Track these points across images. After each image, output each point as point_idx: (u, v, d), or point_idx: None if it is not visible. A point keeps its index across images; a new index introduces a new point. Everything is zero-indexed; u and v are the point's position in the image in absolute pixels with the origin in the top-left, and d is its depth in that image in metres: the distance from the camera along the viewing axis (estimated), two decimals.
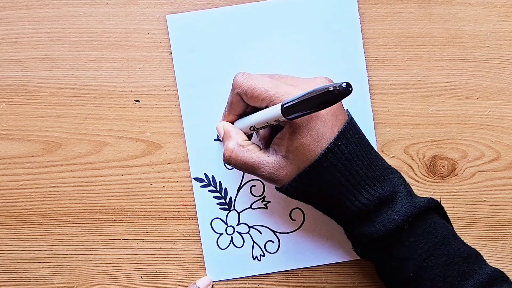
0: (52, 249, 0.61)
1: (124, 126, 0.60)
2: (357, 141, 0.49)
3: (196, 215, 0.60)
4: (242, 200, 0.60)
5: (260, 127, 0.50)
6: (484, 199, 0.60)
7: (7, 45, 0.59)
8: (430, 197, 0.51)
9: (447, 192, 0.60)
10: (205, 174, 0.60)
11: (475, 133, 0.60)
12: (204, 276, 0.61)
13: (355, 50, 0.59)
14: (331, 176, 0.48)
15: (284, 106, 0.44)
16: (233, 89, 0.51)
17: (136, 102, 0.60)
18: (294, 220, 0.60)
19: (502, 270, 0.50)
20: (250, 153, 0.50)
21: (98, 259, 0.61)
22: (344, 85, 0.40)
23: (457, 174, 0.60)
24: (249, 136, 0.55)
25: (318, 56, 0.59)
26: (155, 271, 0.61)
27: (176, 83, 0.59)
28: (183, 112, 0.59)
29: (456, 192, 0.60)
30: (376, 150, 0.52)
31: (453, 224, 0.53)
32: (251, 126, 0.51)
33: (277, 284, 0.61)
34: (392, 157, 0.60)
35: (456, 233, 0.51)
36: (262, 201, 0.60)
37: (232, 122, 0.55)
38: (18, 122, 0.60)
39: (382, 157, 0.52)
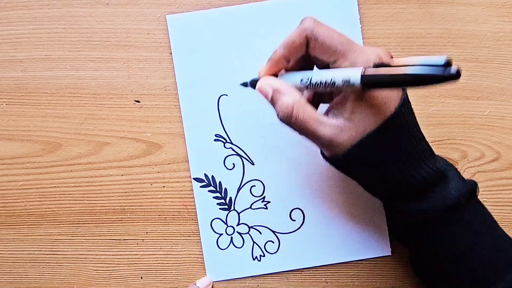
0: (52, 249, 0.61)
1: (124, 126, 0.60)
2: (413, 112, 0.47)
3: (196, 215, 0.60)
4: (242, 200, 0.60)
5: (317, 87, 0.46)
6: (484, 199, 0.60)
7: (7, 45, 0.59)
8: (472, 179, 0.50)
9: None
10: (205, 174, 0.60)
11: (475, 133, 0.60)
12: (204, 276, 0.61)
13: None
14: (394, 142, 0.45)
15: (366, 76, 0.41)
16: (301, 29, 0.46)
17: (136, 102, 0.60)
18: (294, 221, 0.60)
19: None
20: (312, 111, 0.45)
21: (98, 259, 0.61)
22: (455, 70, 0.36)
23: None
24: None
25: None
26: (155, 271, 0.61)
27: (176, 83, 0.59)
28: (183, 112, 0.59)
29: None
30: None
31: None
32: (309, 84, 0.46)
33: (277, 284, 0.61)
34: None
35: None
36: (262, 201, 0.60)
37: (274, 76, 0.50)
38: (18, 122, 0.60)
39: None
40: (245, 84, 0.54)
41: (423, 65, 0.38)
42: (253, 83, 0.51)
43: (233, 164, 0.60)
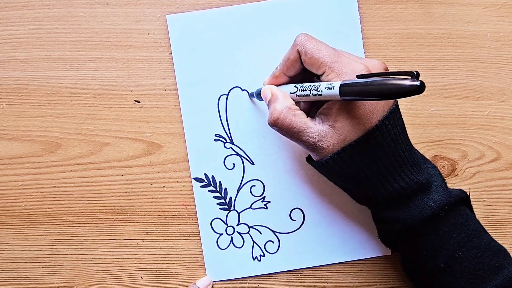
0: (52, 249, 0.61)
1: (124, 126, 0.60)
2: (402, 125, 0.49)
3: (196, 215, 0.60)
4: (242, 200, 0.60)
5: (307, 97, 0.50)
6: (484, 199, 0.60)
7: (7, 45, 0.59)
8: (460, 189, 0.51)
9: None
10: (205, 174, 0.60)
11: (475, 133, 0.60)
12: (204, 276, 0.61)
13: (355, 50, 0.59)
14: (375, 153, 0.48)
15: (343, 85, 0.44)
16: (294, 45, 0.50)
17: (136, 103, 0.60)
18: (294, 220, 0.60)
19: None
20: (297, 117, 0.49)
21: (98, 259, 0.61)
22: (418, 83, 0.38)
23: (457, 174, 0.60)
24: None
25: None
26: (155, 271, 0.61)
27: (176, 83, 0.59)
28: (183, 112, 0.59)
29: None
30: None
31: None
32: (299, 94, 0.50)
33: (277, 284, 0.61)
34: None
35: (484, 228, 0.51)
36: (262, 201, 0.60)
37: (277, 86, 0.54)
38: (18, 122, 0.60)
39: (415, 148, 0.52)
40: (252, 95, 0.59)
41: (392, 76, 0.41)
42: (258, 94, 0.57)
43: (233, 164, 0.60)
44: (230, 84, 0.59)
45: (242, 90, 0.59)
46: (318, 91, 0.47)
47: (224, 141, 0.59)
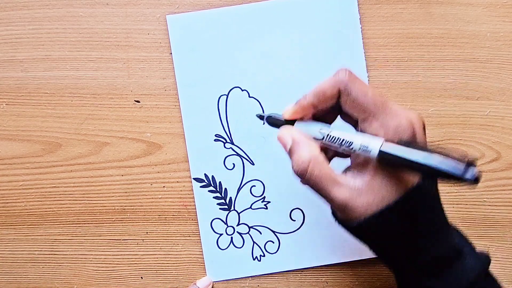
0: (52, 249, 0.61)
1: (124, 126, 0.60)
2: (437, 181, 0.44)
3: (196, 215, 0.60)
4: (242, 201, 0.60)
5: (333, 147, 0.44)
6: (484, 199, 0.60)
7: (7, 45, 0.59)
8: (485, 253, 0.46)
9: (447, 192, 0.60)
10: (205, 174, 0.60)
11: (475, 133, 0.60)
12: (204, 276, 0.61)
13: (355, 50, 0.59)
14: (414, 217, 0.42)
15: (384, 153, 0.39)
16: (335, 81, 0.43)
17: (136, 103, 0.60)
18: (294, 221, 0.60)
19: (501, 270, 0.50)
20: (328, 169, 0.42)
21: (98, 259, 0.61)
22: (475, 176, 0.34)
23: None
24: None
25: (319, 56, 0.59)
26: (155, 271, 0.61)
27: (176, 83, 0.59)
28: (183, 112, 0.59)
29: (456, 192, 0.60)
30: None
31: (453, 225, 0.53)
32: (325, 143, 0.44)
33: (277, 284, 0.61)
34: None
35: None
36: (262, 201, 0.60)
37: (294, 121, 0.47)
38: (18, 122, 0.60)
39: None
40: (260, 117, 0.51)
41: (443, 157, 0.36)
42: (268, 119, 0.49)
43: (233, 164, 0.60)
44: (230, 84, 0.59)
45: (242, 90, 0.59)
46: (350, 148, 0.42)
47: (224, 141, 0.59)
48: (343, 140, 0.42)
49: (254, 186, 0.60)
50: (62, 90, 0.60)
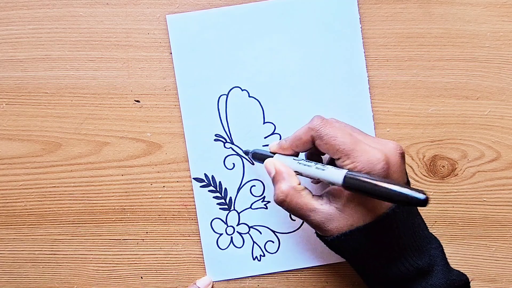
0: (52, 249, 0.61)
1: (124, 126, 0.60)
2: (410, 209, 0.48)
3: (196, 215, 0.60)
4: (242, 200, 0.60)
5: (309, 170, 0.49)
6: (484, 199, 0.60)
7: (7, 45, 0.59)
8: (462, 273, 0.50)
9: (447, 192, 0.60)
10: (205, 174, 0.60)
11: (475, 133, 0.60)
12: (204, 276, 0.61)
13: (355, 50, 0.59)
14: (380, 240, 0.47)
15: (348, 176, 0.43)
16: (308, 128, 0.49)
17: (136, 102, 0.60)
18: (294, 220, 0.60)
19: (502, 270, 0.50)
20: (303, 199, 0.48)
21: (98, 259, 0.61)
22: (423, 198, 0.38)
23: (457, 174, 0.60)
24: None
25: (318, 56, 0.59)
26: (155, 271, 0.61)
27: (176, 83, 0.59)
28: (183, 112, 0.59)
29: (456, 192, 0.60)
30: (420, 215, 0.50)
31: (453, 224, 0.53)
32: (306, 175, 0.50)
33: (277, 284, 0.61)
34: None
35: None
36: (262, 201, 0.60)
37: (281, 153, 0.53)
38: (18, 122, 0.60)
39: (424, 223, 0.50)
40: (246, 153, 0.60)
41: (397, 186, 0.40)
42: (254, 155, 0.57)
43: (233, 164, 0.60)
44: (230, 84, 0.59)
45: (242, 90, 0.59)
46: (323, 169, 0.47)
47: (224, 141, 0.59)
48: (312, 170, 0.48)
49: (254, 186, 0.60)
50: (62, 90, 0.60)
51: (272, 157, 0.53)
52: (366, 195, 0.42)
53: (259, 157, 0.56)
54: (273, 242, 0.60)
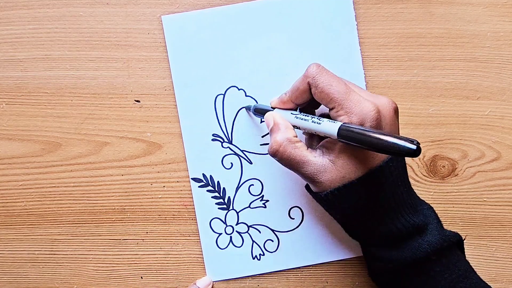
0: (52, 249, 0.61)
1: (124, 126, 0.60)
2: (403, 166, 0.49)
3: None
4: (241, 200, 0.60)
5: (305, 123, 0.49)
6: (485, 199, 0.60)
7: (7, 45, 0.59)
8: (455, 232, 0.50)
9: (447, 192, 0.60)
10: (203, 174, 0.60)
11: (475, 133, 0.60)
12: (204, 276, 0.61)
13: (352, 49, 0.59)
14: (374, 193, 0.47)
15: (343, 128, 0.44)
16: (304, 76, 0.49)
17: (136, 102, 0.60)
18: (293, 219, 0.60)
19: (502, 270, 0.50)
20: (297, 150, 0.49)
21: (98, 259, 0.61)
22: (413, 147, 0.39)
23: (457, 174, 0.60)
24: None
25: (315, 55, 0.59)
26: (155, 271, 0.61)
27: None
28: (180, 113, 0.59)
29: (456, 192, 0.60)
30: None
31: (453, 224, 0.53)
32: (303, 129, 0.50)
33: (277, 284, 0.61)
34: None
35: (473, 269, 0.51)
36: (260, 200, 0.60)
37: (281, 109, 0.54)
38: (18, 122, 0.60)
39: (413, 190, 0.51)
40: (248, 109, 0.59)
41: (390, 136, 0.41)
42: (255, 109, 0.57)
43: (231, 163, 0.60)
44: (227, 84, 0.59)
45: (239, 89, 0.59)
46: (316, 131, 0.48)
47: (222, 141, 0.59)
48: (307, 129, 0.49)
49: (253, 185, 0.60)
50: (62, 90, 0.60)
51: (272, 111, 0.54)
52: (360, 146, 0.42)
53: (260, 111, 0.56)
54: (272, 241, 0.60)
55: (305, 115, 0.50)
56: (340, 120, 0.46)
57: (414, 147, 0.39)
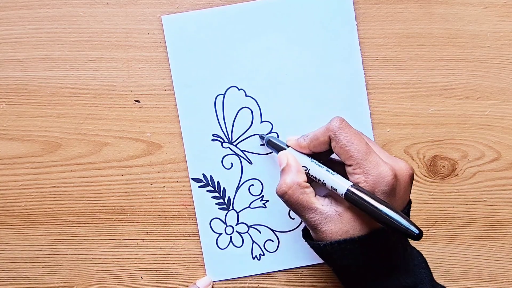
0: (52, 249, 0.61)
1: (124, 126, 0.60)
2: None
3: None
4: (241, 200, 0.60)
5: (318, 180, 0.50)
6: (485, 199, 0.60)
7: (7, 45, 0.59)
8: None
9: (448, 192, 0.60)
10: (203, 174, 0.60)
11: (475, 133, 0.60)
12: (204, 276, 0.61)
13: (352, 49, 0.59)
14: (373, 254, 0.47)
15: (351, 190, 0.45)
16: (327, 129, 0.49)
17: (136, 102, 0.60)
18: (293, 219, 0.60)
19: (502, 270, 0.50)
20: (306, 196, 0.48)
21: (98, 259, 0.61)
22: (416, 232, 0.41)
23: (457, 174, 0.60)
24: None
25: (315, 55, 0.59)
26: (155, 271, 0.61)
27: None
28: (180, 113, 0.59)
29: (456, 192, 0.60)
30: None
31: (453, 224, 0.53)
32: (314, 176, 0.50)
33: (277, 284, 0.61)
34: None
35: None
36: (260, 200, 0.60)
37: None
38: (18, 122, 0.60)
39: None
40: (261, 137, 0.59)
41: (395, 213, 0.42)
42: (269, 142, 0.57)
43: (231, 163, 0.60)
44: (227, 84, 0.59)
45: (239, 89, 0.59)
46: (324, 185, 0.49)
47: (222, 141, 0.59)
48: (318, 178, 0.49)
49: (253, 185, 0.60)
50: (62, 90, 0.60)
51: (285, 149, 0.54)
52: (364, 211, 0.44)
53: (273, 145, 0.56)
54: (272, 241, 0.60)
55: (320, 163, 0.50)
56: (356, 178, 0.46)
57: (417, 231, 0.40)
